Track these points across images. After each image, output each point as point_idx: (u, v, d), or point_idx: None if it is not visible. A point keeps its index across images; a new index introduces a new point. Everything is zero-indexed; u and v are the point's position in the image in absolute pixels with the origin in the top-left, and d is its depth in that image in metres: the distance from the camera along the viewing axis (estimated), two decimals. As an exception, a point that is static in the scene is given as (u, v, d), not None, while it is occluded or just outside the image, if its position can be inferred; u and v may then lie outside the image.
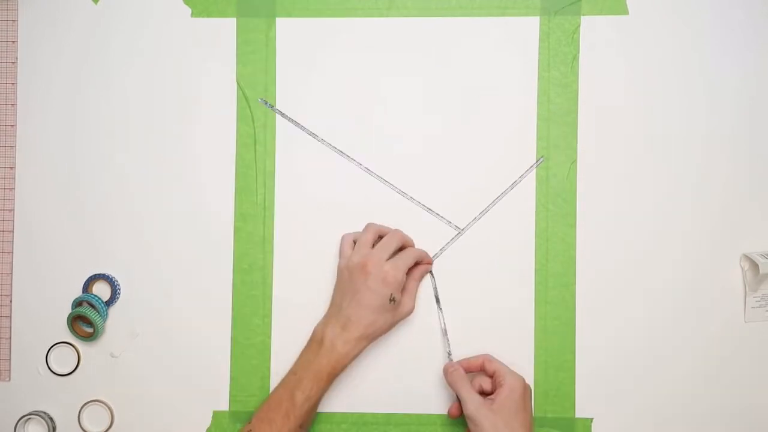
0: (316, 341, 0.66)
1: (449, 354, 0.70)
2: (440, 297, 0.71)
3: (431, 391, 0.71)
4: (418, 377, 0.70)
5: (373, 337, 0.66)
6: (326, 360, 0.65)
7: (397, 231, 0.69)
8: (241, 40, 0.72)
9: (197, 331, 0.72)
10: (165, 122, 0.72)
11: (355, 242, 0.69)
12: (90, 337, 0.71)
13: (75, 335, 0.71)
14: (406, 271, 0.67)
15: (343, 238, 0.70)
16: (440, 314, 0.71)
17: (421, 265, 0.70)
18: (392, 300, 0.65)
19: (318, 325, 0.68)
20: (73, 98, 0.73)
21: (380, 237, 0.69)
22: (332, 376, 0.65)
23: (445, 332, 0.70)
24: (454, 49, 0.71)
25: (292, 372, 0.66)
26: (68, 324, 0.71)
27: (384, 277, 0.65)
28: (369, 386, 0.71)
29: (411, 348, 0.71)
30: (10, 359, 0.72)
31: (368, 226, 0.70)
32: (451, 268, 0.71)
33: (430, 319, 0.71)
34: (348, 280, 0.67)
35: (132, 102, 0.72)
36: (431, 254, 0.71)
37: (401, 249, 0.69)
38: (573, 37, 0.71)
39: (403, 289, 0.68)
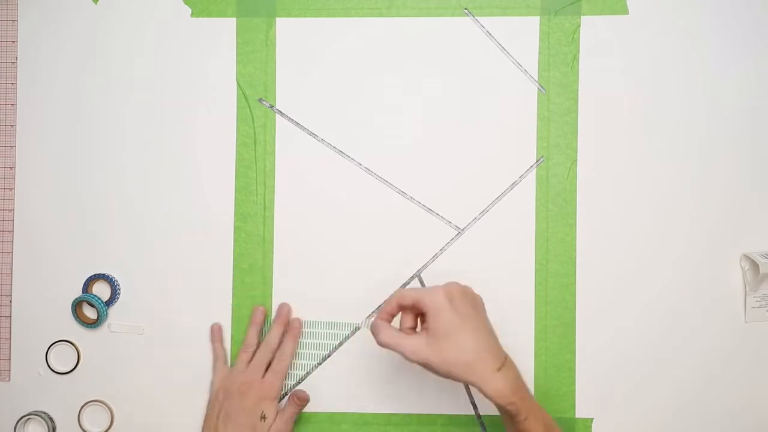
0: None
1: None
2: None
3: (431, 391, 0.71)
4: (418, 377, 0.70)
5: None
6: None
7: (267, 344, 0.69)
8: (241, 40, 0.72)
9: (197, 331, 0.72)
10: (165, 122, 0.72)
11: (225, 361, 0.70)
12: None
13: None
14: (284, 376, 0.68)
15: (216, 358, 0.71)
16: None
17: (296, 397, 0.69)
18: (263, 418, 0.66)
19: None
20: (73, 98, 0.73)
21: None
22: None
23: None
24: (454, 49, 0.71)
25: None
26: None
27: (255, 398, 0.66)
28: (369, 386, 0.71)
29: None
30: (10, 359, 0.72)
31: (244, 345, 0.70)
32: (452, 269, 0.71)
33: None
34: (223, 400, 0.67)
35: (132, 102, 0.72)
36: (431, 254, 0.71)
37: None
38: (573, 37, 0.71)
39: (279, 412, 0.68)
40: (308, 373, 0.71)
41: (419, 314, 0.61)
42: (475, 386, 0.57)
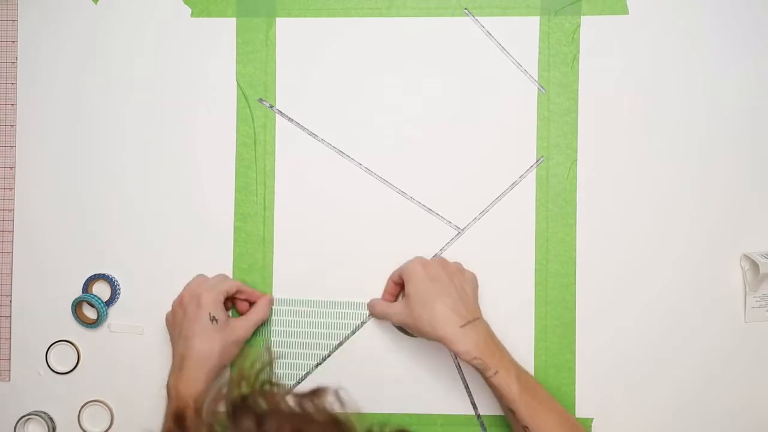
0: (167, 397, 0.64)
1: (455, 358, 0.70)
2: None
3: (431, 391, 0.71)
4: (418, 377, 0.70)
5: (212, 366, 0.64)
6: (171, 411, 0.62)
7: (221, 274, 0.71)
8: (241, 40, 0.72)
9: (197, 331, 0.71)
10: (165, 122, 0.72)
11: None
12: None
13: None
14: (222, 293, 0.66)
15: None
16: None
17: (262, 299, 0.69)
18: (213, 320, 0.64)
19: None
20: (73, 98, 0.73)
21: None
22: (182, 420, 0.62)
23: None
24: (454, 49, 0.71)
25: None
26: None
27: (198, 301, 0.65)
28: (369, 386, 0.71)
29: (411, 348, 0.71)
30: (10, 359, 0.72)
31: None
32: (451, 268, 0.71)
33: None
34: (173, 323, 0.67)
35: (132, 102, 0.72)
36: (431, 254, 0.71)
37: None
38: (573, 37, 0.71)
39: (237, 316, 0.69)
40: (308, 373, 0.71)
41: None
42: (442, 342, 0.62)
